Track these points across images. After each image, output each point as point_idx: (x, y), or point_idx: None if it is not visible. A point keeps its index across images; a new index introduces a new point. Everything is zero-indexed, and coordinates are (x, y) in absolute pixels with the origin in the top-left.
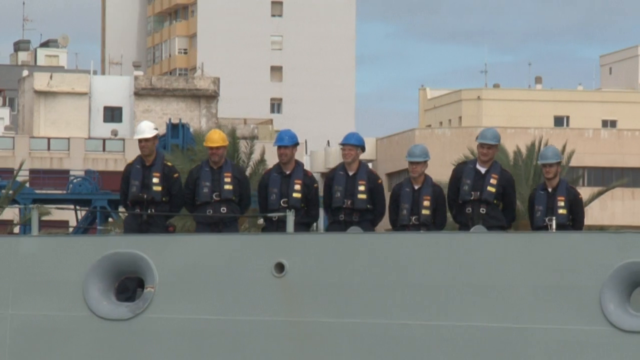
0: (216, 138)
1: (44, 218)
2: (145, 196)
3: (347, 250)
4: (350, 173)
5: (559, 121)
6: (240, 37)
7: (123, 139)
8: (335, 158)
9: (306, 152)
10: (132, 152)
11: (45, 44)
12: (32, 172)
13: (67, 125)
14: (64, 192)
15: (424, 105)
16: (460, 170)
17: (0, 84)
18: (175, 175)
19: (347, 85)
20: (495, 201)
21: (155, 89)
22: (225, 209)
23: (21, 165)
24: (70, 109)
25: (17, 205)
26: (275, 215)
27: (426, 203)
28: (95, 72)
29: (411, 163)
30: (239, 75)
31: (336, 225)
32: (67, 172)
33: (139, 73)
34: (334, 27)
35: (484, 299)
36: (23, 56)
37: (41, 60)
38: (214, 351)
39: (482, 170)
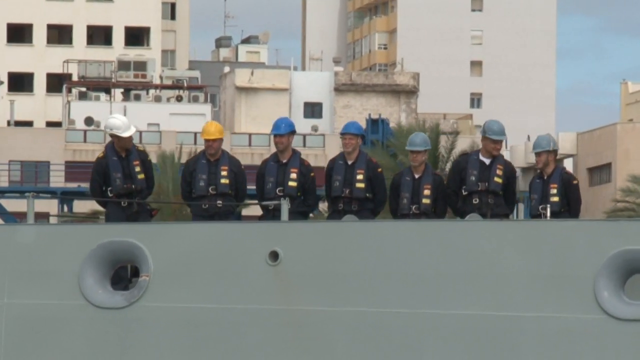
0: (212, 130)
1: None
2: (133, 186)
3: (341, 238)
4: (350, 162)
5: None
6: (440, 32)
7: (323, 135)
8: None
9: (506, 147)
10: (333, 148)
11: (246, 41)
12: None
13: (268, 121)
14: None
15: (626, 99)
16: (465, 161)
17: (202, 80)
18: (148, 158)
19: (547, 80)
20: (500, 192)
21: (355, 85)
22: (221, 202)
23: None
24: (270, 105)
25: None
26: (271, 203)
27: (427, 192)
28: (295, 68)
29: (412, 152)
30: (438, 70)
31: (336, 214)
32: None
33: (339, 69)
34: (535, 21)
35: (478, 287)
36: (224, 53)
37: (242, 57)
38: (209, 339)
39: (487, 161)
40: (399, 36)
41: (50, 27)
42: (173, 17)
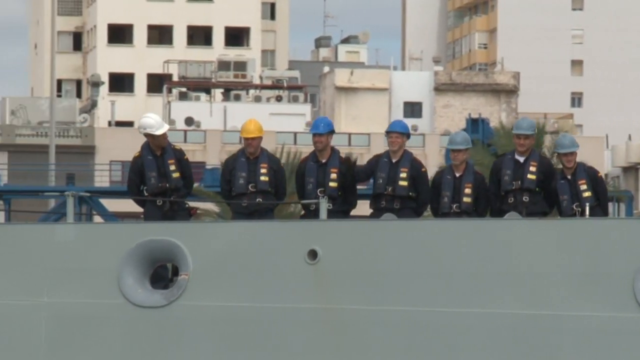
0: (252, 129)
1: None
2: (167, 185)
3: (380, 237)
4: (394, 160)
5: None
6: (541, 31)
7: (423, 134)
8: (636, 152)
9: (607, 147)
10: (433, 148)
11: (346, 40)
12: None
13: (367, 121)
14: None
15: None
16: (500, 162)
17: (302, 80)
18: (185, 157)
19: None
20: (537, 189)
21: (455, 84)
22: (260, 200)
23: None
24: (370, 105)
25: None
26: (312, 202)
27: (467, 191)
28: (395, 68)
29: (453, 151)
30: (539, 70)
31: (377, 212)
32: None
33: (439, 68)
34: (636, 20)
35: (517, 286)
36: (324, 52)
37: (342, 57)
38: (248, 338)
39: (521, 159)
40: (499, 35)
41: (151, 28)
42: (273, 17)
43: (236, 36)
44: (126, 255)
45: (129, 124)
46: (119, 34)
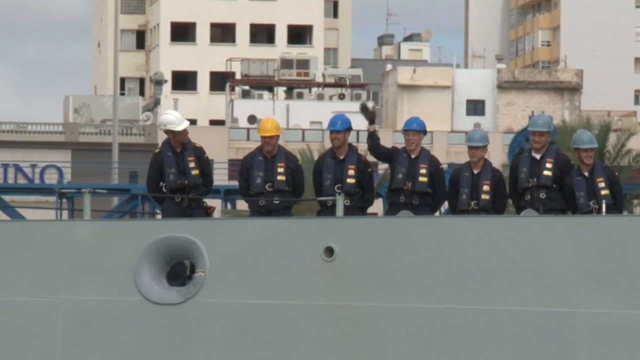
0: (269, 127)
1: None
2: (186, 182)
3: (397, 234)
4: (413, 156)
5: None
6: (604, 29)
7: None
8: None
9: None
10: (496, 145)
11: (408, 38)
12: None
13: (430, 118)
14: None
15: None
16: (517, 160)
17: (364, 78)
18: (205, 155)
19: None
20: (554, 185)
21: (518, 82)
22: (278, 199)
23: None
24: (433, 103)
25: None
26: (329, 199)
27: (486, 187)
28: (458, 66)
29: (471, 148)
30: (602, 67)
31: (396, 207)
32: None
33: (502, 66)
34: None
35: (533, 283)
36: (387, 50)
37: (404, 54)
38: (264, 335)
39: (537, 156)
40: (562, 33)
41: (214, 26)
42: (335, 15)
43: (299, 34)
44: (143, 253)
45: (192, 122)
46: (182, 32)
